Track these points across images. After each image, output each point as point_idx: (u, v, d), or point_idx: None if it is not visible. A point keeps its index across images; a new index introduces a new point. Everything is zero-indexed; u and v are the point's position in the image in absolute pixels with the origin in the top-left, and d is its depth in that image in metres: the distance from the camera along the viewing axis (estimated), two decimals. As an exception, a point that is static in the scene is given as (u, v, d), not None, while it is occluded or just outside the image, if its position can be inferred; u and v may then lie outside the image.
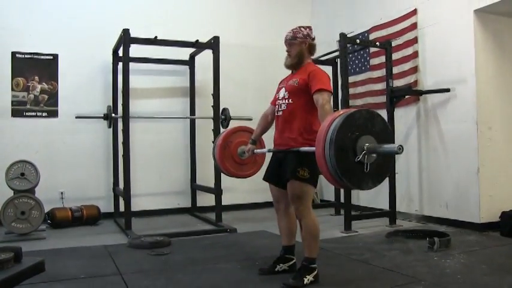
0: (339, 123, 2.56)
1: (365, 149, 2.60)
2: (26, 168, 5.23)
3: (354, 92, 6.78)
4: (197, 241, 4.97)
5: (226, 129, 4.09)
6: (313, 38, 3.55)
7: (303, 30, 3.50)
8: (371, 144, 2.61)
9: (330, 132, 2.57)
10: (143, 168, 6.67)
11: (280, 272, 3.54)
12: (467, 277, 3.43)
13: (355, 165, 2.59)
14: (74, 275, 3.61)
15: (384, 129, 2.72)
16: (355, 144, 2.60)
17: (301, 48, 3.49)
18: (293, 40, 3.49)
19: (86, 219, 5.99)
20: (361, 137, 2.62)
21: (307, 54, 3.53)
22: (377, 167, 2.67)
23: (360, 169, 2.60)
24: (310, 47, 3.53)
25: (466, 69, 5.28)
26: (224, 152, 3.99)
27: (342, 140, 2.56)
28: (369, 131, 2.65)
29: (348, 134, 2.58)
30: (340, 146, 2.55)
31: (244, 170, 4.12)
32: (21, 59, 6.21)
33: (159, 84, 7.04)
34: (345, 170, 2.58)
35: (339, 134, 2.54)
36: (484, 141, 5.20)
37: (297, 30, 3.51)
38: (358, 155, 2.59)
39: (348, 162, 2.58)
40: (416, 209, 6.00)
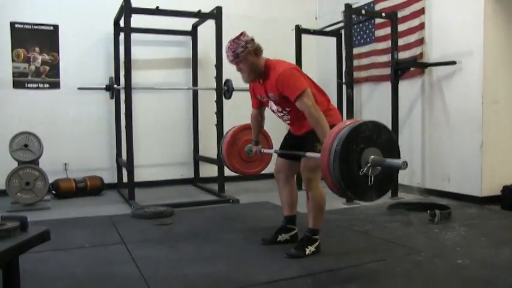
0: (344, 136, 2.54)
1: (369, 161, 2.59)
2: (29, 139, 5.25)
3: (358, 64, 6.73)
4: (200, 211, 5.02)
5: (234, 127, 4.06)
6: (251, 40, 3.31)
7: (239, 41, 3.27)
8: (376, 157, 2.60)
9: (335, 144, 2.56)
10: (146, 139, 6.68)
11: (282, 242, 3.58)
12: (466, 249, 3.47)
13: (359, 177, 2.58)
14: (79, 244, 3.66)
15: (389, 140, 2.71)
16: (359, 156, 2.59)
17: (249, 61, 3.27)
18: (236, 58, 3.28)
19: (89, 190, 6.04)
20: (366, 149, 2.61)
21: (258, 59, 3.30)
22: (381, 180, 2.66)
23: (364, 182, 2.59)
24: (256, 51, 3.29)
25: (474, 42, 5.20)
26: (232, 149, 3.99)
27: (347, 152, 2.55)
28: (374, 143, 2.64)
29: (352, 147, 2.57)
30: (344, 159, 2.54)
31: (251, 168, 4.12)
32: (21, 29, 6.15)
33: (161, 55, 6.99)
34: (349, 182, 2.59)
35: (344, 147, 2.53)
36: (489, 115, 5.17)
37: (233, 45, 3.27)
38: (363, 167, 2.58)
39: (352, 174, 2.58)
40: (418, 182, 6.02)
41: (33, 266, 3.06)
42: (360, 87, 6.91)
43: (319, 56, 7.84)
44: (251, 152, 3.89)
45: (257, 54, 3.30)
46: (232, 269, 3.07)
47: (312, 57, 7.66)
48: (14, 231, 2.00)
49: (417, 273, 2.96)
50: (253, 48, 3.28)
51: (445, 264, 3.12)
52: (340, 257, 3.29)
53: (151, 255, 3.38)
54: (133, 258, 3.30)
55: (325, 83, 7.56)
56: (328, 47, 7.15)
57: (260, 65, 3.32)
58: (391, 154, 2.68)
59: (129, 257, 3.34)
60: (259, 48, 3.32)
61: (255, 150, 3.84)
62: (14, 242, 1.93)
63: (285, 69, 3.21)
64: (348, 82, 5.48)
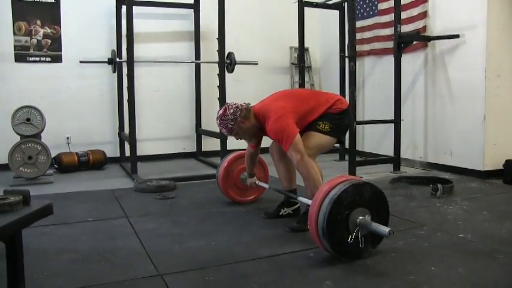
0: (328, 210, 2.57)
1: (358, 224, 2.64)
2: (32, 113, 5.24)
3: (361, 37, 6.65)
4: (202, 185, 5.03)
5: (226, 158, 4.11)
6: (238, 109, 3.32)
7: (226, 117, 3.30)
8: (363, 219, 2.64)
9: (320, 218, 2.60)
10: (148, 113, 6.68)
11: (284, 216, 3.61)
12: (468, 223, 3.48)
13: (350, 244, 2.63)
14: (82, 218, 3.69)
15: (373, 194, 2.74)
16: (347, 222, 2.64)
17: (243, 129, 3.36)
18: (231, 132, 3.38)
19: (92, 164, 6.06)
20: (352, 212, 2.64)
21: (250, 121, 3.36)
22: (372, 235, 2.70)
23: (356, 244, 2.64)
24: (245, 117, 3.33)
25: (477, 16, 5.13)
26: (227, 181, 4.07)
27: (333, 224, 2.59)
28: (359, 204, 2.67)
29: (337, 217, 2.60)
30: (332, 233, 2.60)
31: (247, 196, 4.19)
32: (22, 2, 6.09)
33: (163, 28, 6.93)
34: (342, 252, 2.66)
35: (329, 221, 2.58)
36: (492, 89, 5.13)
37: (224, 123, 3.32)
38: (351, 232, 2.63)
39: (342, 244, 2.64)
40: (420, 156, 6.01)
41: (36, 240, 3.09)
42: (362, 61, 6.86)
43: (322, 29, 7.75)
44: (246, 181, 3.95)
45: (247, 118, 3.36)
46: (234, 243, 3.09)
47: (314, 31, 7.59)
48: (17, 205, 2.00)
49: (419, 246, 2.98)
50: (242, 116, 3.33)
51: (447, 238, 3.14)
52: (342, 231, 3.30)
53: (154, 228, 3.41)
54: (135, 231, 3.32)
55: (327, 56, 7.54)
56: (331, 20, 7.07)
57: (255, 125, 3.40)
58: (378, 206, 2.75)
59: (132, 230, 3.36)
60: (247, 112, 3.36)
61: (250, 183, 3.91)
62: (16, 216, 1.93)
63: (272, 123, 3.25)
64: (351, 55, 5.42)
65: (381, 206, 2.78)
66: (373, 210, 2.70)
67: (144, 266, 2.67)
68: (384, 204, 2.81)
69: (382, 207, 2.79)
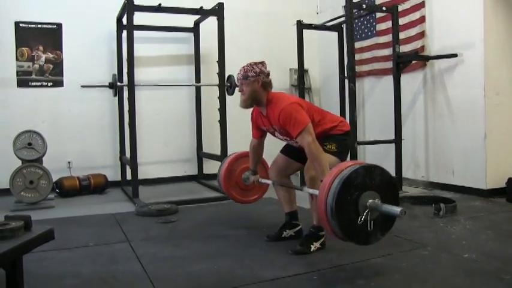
0: (337, 189, 2.53)
1: (367, 206, 2.58)
2: (33, 138, 5.25)
3: (360, 57, 6.70)
4: (204, 208, 5.02)
5: (227, 158, 4.07)
6: (267, 73, 3.37)
7: (255, 67, 3.34)
8: (373, 201, 2.58)
9: (330, 197, 2.56)
10: (149, 137, 6.69)
11: (287, 238, 3.58)
12: (472, 242, 3.46)
13: (359, 226, 2.58)
14: (83, 243, 3.66)
15: (383, 179, 2.69)
16: (356, 204, 2.58)
17: (253, 87, 3.32)
18: (244, 80, 3.33)
19: (93, 188, 6.05)
20: (362, 194, 2.59)
21: (262, 92, 3.34)
22: (382, 220, 2.65)
23: (365, 228, 2.59)
24: (265, 84, 3.33)
25: (474, 34, 5.18)
26: (229, 181, 4.00)
27: (343, 204, 2.54)
28: (369, 187, 2.62)
29: (347, 197, 2.55)
30: (341, 211, 2.54)
31: (250, 196, 4.14)
32: (25, 28, 6.16)
33: (164, 52, 6.98)
34: (349, 233, 2.60)
35: (339, 200, 2.53)
36: (491, 107, 5.15)
37: (248, 68, 3.35)
38: (361, 214, 2.57)
39: (351, 225, 2.58)
40: (422, 175, 6.00)
41: (37, 265, 3.06)
42: (362, 81, 6.89)
43: (321, 51, 7.81)
44: (248, 180, 3.88)
45: (264, 87, 3.34)
46: (237, 266, 3.06)
47: (313, 52, 7.64)
48: (18, 231, 2.00)
49: (423, 267, 2.95)
50: (264, 80, 3.33)
51: (451, 258, 3.11)
52: (346, 253, 3.27)
53: (156, 253, 3.38)
54: (137, 256, 3.30)
55: (327, 77, 7.57)
56: (330, 41, 7.12)
57: (261, 97, 3.35)
58: (389, 192, 2.68)
59: (133, 255, 3.34)
60: (269, 84, 3.38)
61: (253, 180, 3.84)
62: (18, 241, 1.93)
63: (286, 105, 3.21)
64: (350, 76, 5.46)
65: (390, 192, 2.70)
66: (382, 195, 2.63)
67: (146, 291, 2.65)
68: (394, 191, 2.74)
69: (391, 194, 2.70)
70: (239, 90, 3.42)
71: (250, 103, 3.39)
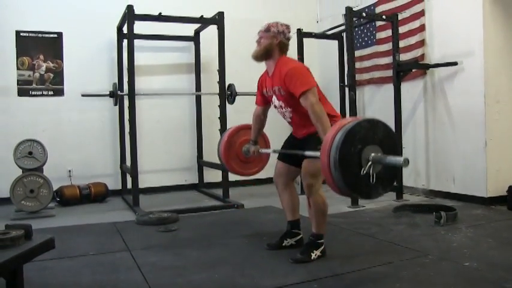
0: (341, 140, 2.51)
1: (370, 160, 2.55)
2: (34, 147, 5.26)
3: (360, 66, 6.73)
4: (205, 217, 5.01)
5: (229, 129, 4.06)
6: (288, 37, 3.45)
7: (279, 26, 3.42)
8: (376, 155, 2.56)
9: (333, 149, 2.53)
10: (150, 145, 6.70)
11: (287, 247, 3.57)
12: (473, 251, 3.45)
13: (362, 178, 2.55)
14: (84, 252, 3.65)
15: (386, 135, 2.66)
16: (359, 156, 2.55)
17: (271, 42, 3.38)
18: (265, 32, 3.42)
19: (94, 197, 6.04)
20: (365, 148, 2.57)
21: (278, 51, 3.40)
22: (384, 175, 2.63)
23: (367, 181, 2.56)
24: (282, 45, 3.41)
25: (474, 42, 5.20)
26: (229, 152, 3.98)
27: (346, 155, 2.52)
28: (372, 141, 2.60)
29: (351, 149, 2.53)
30: (344, 162, 2.51)
31: (250, 168, 4.11)
32: (26, 37, 6.19)
33: (164, 61, 7.00)
34: (351, 184, 2.56)
35: (342, 150, 2.50)
36: (491, 114, 5.16)
37: (273, 24, 3.43)
38: (364, 167, 2.54)
39: (353, 176, 2.55)
40: (423, 184, 6.00)
41: (38, 274, 3.05)
42: (362, 90, 6.91)
43: (321, 59, 7.83)
44: (249, 153, 3.86)
45: (280, 47, 3.41)
46: (237, 275, 3.05)
47: (313, 61, 7.64)
48: (19, 240, 1.99)
49: (424, 276, 2.94)
50: (283, 40, 3.41)
51: (453, 267, 3.10)
52: (346, 261, 3.27)
53: (156, 261, 3.37)
54: (138, 265, 3.29)
55: (327, 86, 7.57)
56: (330, 50, 7.15)
57: (274, 55, 3.41)
58: (391, 148, 2.64)
59: (134, 264, 3.33)
60: (286, 46, 3.45)
61: (253, 151, 3.81)
62: (18, 250, 1.92)
63: (295, 66, 3.27)
64: (351, 85, 5.47)
65: (392, 147, 2.66)
66: (385, 150, 2.60)
67: (147, 300, 2.64)
68: (396, 147, 2.70)
69: (393, 149, 2.66)
70: (256, 41, 3.49)
71: (262, 55, 3.45)
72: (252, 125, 3.81)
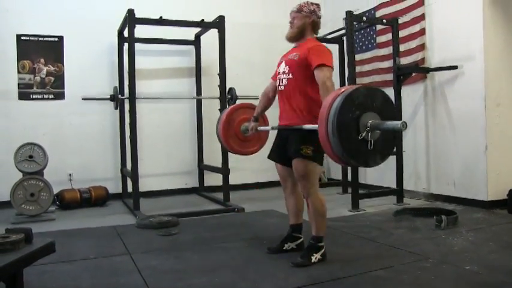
0: (339, 105, 2.52)
1: (368, 126, 2.56)
2: (34, 150, 5.26)
3: (360, 70, 6.73)
4: (205, 221, 5.00)
5: (228, 107, 4.06)
6: (319, 16, 3.49)
7: (311, 5, 3.46)
8: (373, 121, 2.57)
9: (331, 114, 2.53)
10: (150, 149, 6.69)
11: (288, 251, 3.57)
12: (474, 254, 3.44)
13: (359, 143, 2.56)
14: (84, 256, 3.65)
15: (385, 103, 2.68)
16: (357, 122, 2.56)
17: (304, 22, 3.44)
18: (298, 12, 3.45)
19: (94, 201, 6.04)
20: (363, 114, 2.57)
21: (310, 30, 3.47)
22: (382, 143, 2.64)
23: (365, 147, 2.57)
24: (314, 24, 3.48)
25: (474, 46, 5.21)
26: (228, 130, 3.98)
27: (344, 120, 2.52)
28: (370, 108, 2.61)
29: (349, 114, 2.54)
30: (342, 127, 2.52)
31: (248, 147, 4.11)
32: (26, 41, 6.19)
33: (165, 65, 7.01)
34: (349, 149, 2.56)
35: (340, 115, 2.50)
36: (492, 118, 5.16)
37: (305, 4, 3.46)
38: (362, 132, 2.55)
39: (351, 141, 2.55)
40: (423, 187, 5.99)
41: (38, 278, 3.05)
42: (363, 94, 6.89)
43: (322, 63, 7.81)
44: (247, 131, 3.85)
45: (313, 26, 3.48)
46: (238, 279, 3.05)
47: (314, 64, 7.64)
48: (19, 244, 1.99)
49: (425, 279, 2.94)
50: (315, 20, 3.47)
51: (453, 270, 3.10)
52: (347, 265, 3.27)
53: (157, 265, 3.37)
54: (138, 268, 3.29)
55: (328, 89, 7.57)
56: (331, 53, 7.14)
57: (306, 34, 3.46)
58: (389, 115, 2.66)
59: (135, 267, 3.33)
60: (317, 25, 3.53)
61: (252, 127, 3.79)
62: (18, 254, 1.93)
63: (319, 45, 3.38)
64: (351, 88, 5.46)
65: (391, 116, 2.67)
66: (383, 118, 2.61)
67: (147, 304, 2.64)
68: (394, 116, 2.71)
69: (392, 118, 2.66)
70: (290, 22, 3.51)
71: (297, 36, 3.49)
72: (259, 100, 3.81)
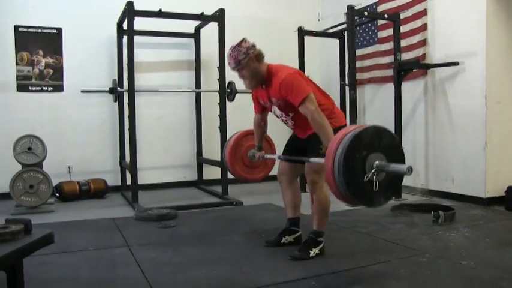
0: (346, 144, 2.51)
1: (374, 167, 2.56)
2: (33, 142, 5.26)
3: (361, 65, 6.72)
4: (204, 214, 5.02)
5: (237, 132, 4.07)
6: (251, 45, 3.33)
7: (241, 48, 3.29)
8: (380, 162, 2.56)
9: (338, 153, 2.53)
10: (149, 142, 6.70)
11: (285, 244, 3.58)
12: (470, 250, 3.46)
13: (364, 185, 2.55)
14: (83, 247, 3.66)
15: (392, 143, 2.67)
16: (364, 163, 2.56)
17: (251, 67, 3.28)
18: (238, 65, 3.28)
19: (93, 193, 6.05)
20: (370, 155, 2.57)
21: (259, 66, 3.31)
22: (387, 184, 2.64)
23: (370, 188, 2.56)
24: (257, 56, 3.29)
25: (476, 43, 5.18)
26: (235, 156, 3.99)
27: (350, 161, 2.52)
28: (377, 148, 2.60)
29: (356, 155, 2.53)
30: (348, 168, 2.52)
31: (255, 173, 4.11)
32: (25, 32, 6.17)
33: (164, 58, 7.00)
34: (354, 190, 2.56)
35: (347, 156, 2.50)
36: (492, 115, 5.15)
37: (235, 53, 3.28)
38: (368, 173, 2.55)
39: (357, 182, 2.55)
40: (422, 183, 6.00)
41: (37, 268, 3.07)
42: (363, 89, 6.91)
43: (322, 58, 7.83)
44: (254, 158, 3.87)
45: (259, 60, 3.31)
46: (235, 272, 3.07)
47: (314, 59, 7.65)
48: (18, 234, 2.00)
49: (422, 274, 2.95)
50: (255, 54, 3.29)
51: (450, 266, 3.12)
52: (344, 259, 3.28)
53: (155, 257, 3.39)
54: (137, 260, 3.30)
55: (328, 84, 7.58)
56: (331, 48, 7.15)
57: (262, 71, 3.33)
58: (395, 157, 2.64)
59: (133, 259, 3.34)
60: (260, 54, 3.33)
61: (258, 156, 3.82)
62: (18, 245, 1.93)
63: (288, 75, 3.20)
64: (351, 84, 5.47)
65: (397, 156, 2.66)
66: (390, 159, 2.60)
67: (145, 296, 2.65)
68: (401, 157, 2.70)
69: (398, 159, 2.66)
70: (239, 77, 3.40)
71: (255, 83, 3.37)
72: (254, 132, 3.82)
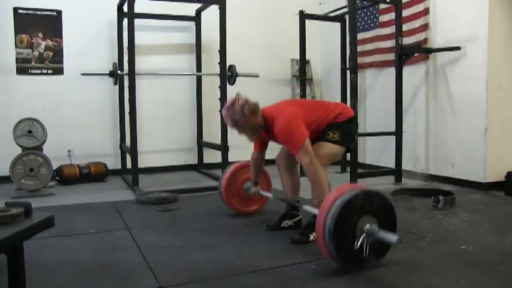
0: (337, 212, 2.55)
1: (364, 231, 2.60)
2: (33, 125, 5.25)
3: (362, 49, 6.68)
4: (204, 197, 5.03)
5: (231, 166, 4.11)
6: (245, 102, 3.27)
7: (235, 108, 3.24)
8: (370, 228, 2.61)
9: (328, 221, 2.57)
10: (150, 125, 6.70)
11: (286, 228, 3.59)
12: (470, 235, 3.47)
13: (355, 251, 2.60)
14: (83, 230, 3.68)
15: (382, 206, 2.73)
16: (354, 228, 2.61)
17: (249, 124, 3.30)
18: (236, 125, 3.30)
19: (93, 176, 6.06)
20: (361, 219, 2.62)
21: (256, 119, 3.31)
22: (378, 247, 2.69)
23: (361, 253, 2.61)
24: (252, 111, 3.27)
25: (478, 28, 5.14)
26: (230, 189, 4.05)
27: (340, 228, 2.57)
28: (368, 211, 2.65)
29: (346, 222, 2.58)
30: (339, 235, 2.57)
31: (249, 206, 4.17)
32: (24, 14, 6.12)
33: (165, 41, 6.96)
34: (345, 257, 2.63)
35: (337, 224, 2.55)
36: (493, 101, 5.13)
37: (231, 114, 3.26)
38: (358, 238, 2.59)
39: (348, 249, 2.60)
40: (422, 168, 6.01)
41: (38, 252, 3.08)
42: (364, 73, 6.88)
43: (323, 42, 7.78)
44: (249, 190, 3.93)
45: (255, 114, 3.31)
46: (235, 255, 3.08)
47: (316, 43, 7.60)
48: (19, 217, 2.00)
49: (421, 258, 2.97)
50: (250, 110, 3.28)
51: (449, 250, 3.13)
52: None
53: (155, 241, 3.40)
54: (137, 244, 3.31)
55: (329, 68, 7.56)
56: (332, 32, 7.10)
57: (260, 123, 3.36)
58: (386, 219, 2.72)
59: (133, 243, 3.35)
60: (255, 108, 3.33)
61: (253, 191, 3.88)
62: (18, 228, 1.93)
63: (282, 124, 3.21)
64: (352, 68, 5.45)
65: (388, 218, 2.75)
66: (381, 221, 2.68)
67: (146, 279, 2.66)
68: (392, 217, 2.79)
69: (390, 220, 2.76)
70: (239, 134, 3.42)
71: (256, 136, 3.45)
72: (251, 168, 3.85)
